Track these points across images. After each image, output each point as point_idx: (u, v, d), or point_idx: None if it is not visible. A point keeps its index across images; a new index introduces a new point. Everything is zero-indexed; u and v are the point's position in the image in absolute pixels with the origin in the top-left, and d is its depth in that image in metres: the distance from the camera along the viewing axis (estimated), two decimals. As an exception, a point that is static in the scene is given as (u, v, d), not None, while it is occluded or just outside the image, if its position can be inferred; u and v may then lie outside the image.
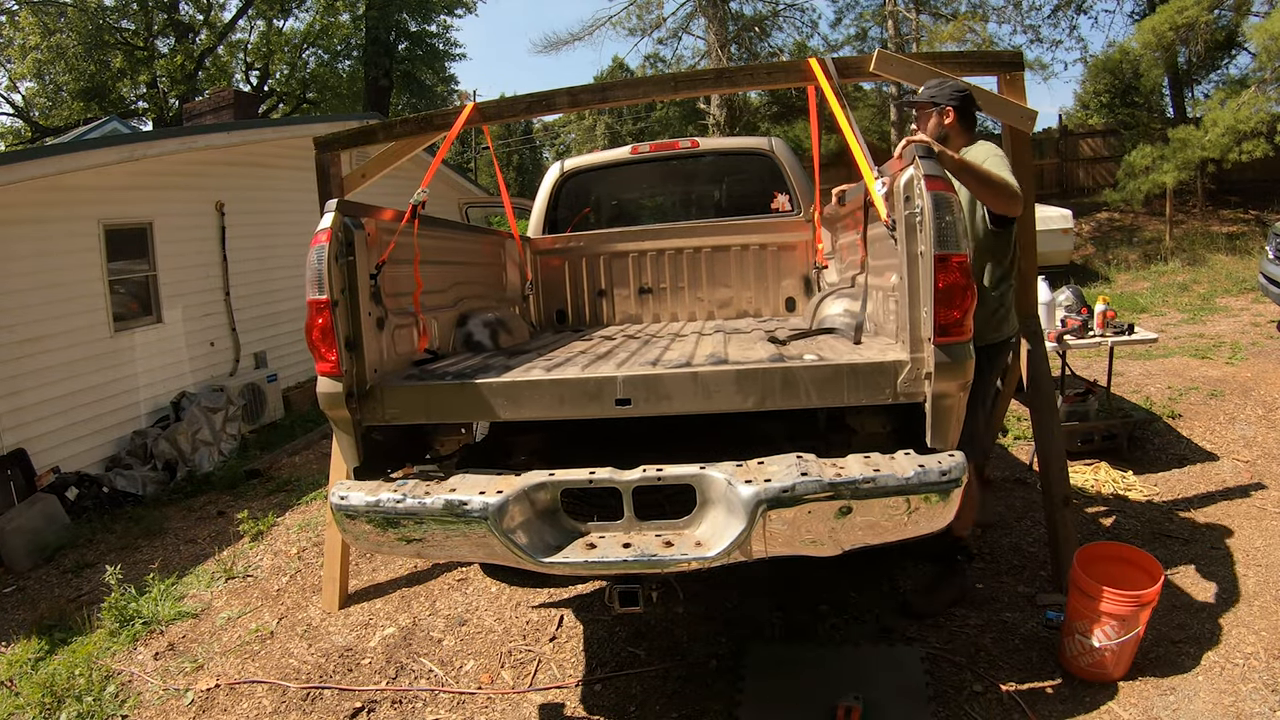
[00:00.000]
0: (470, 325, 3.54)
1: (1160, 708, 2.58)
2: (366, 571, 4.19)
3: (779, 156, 4.81)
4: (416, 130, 3.61)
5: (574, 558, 2.17)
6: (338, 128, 5.64)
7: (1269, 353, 6.82)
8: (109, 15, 21.17)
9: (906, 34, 19.21)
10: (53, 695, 3.22)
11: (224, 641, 3.66)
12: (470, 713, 2.93)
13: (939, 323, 2.12)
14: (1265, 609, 3.08)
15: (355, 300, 2.52)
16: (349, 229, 2.51)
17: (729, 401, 2.32)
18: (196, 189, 7.50)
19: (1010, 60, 3.28)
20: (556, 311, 4.89)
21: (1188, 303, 9.79)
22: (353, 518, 2.32)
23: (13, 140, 22.25)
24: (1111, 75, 17.98)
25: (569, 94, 3.45)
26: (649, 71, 21.55)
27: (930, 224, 2.10)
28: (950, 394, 2.18)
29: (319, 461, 6.47)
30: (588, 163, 5.17)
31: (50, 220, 5.92)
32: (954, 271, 2.10)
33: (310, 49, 23.99)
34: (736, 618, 3.33)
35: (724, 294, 4.69)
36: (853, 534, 2.10)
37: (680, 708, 2.80)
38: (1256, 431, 5.02)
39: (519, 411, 2.46)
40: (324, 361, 2.45)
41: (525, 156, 39.48)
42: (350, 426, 2.50)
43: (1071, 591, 2.77)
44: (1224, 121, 11.34)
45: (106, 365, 6.36)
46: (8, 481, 5.35)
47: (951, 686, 2.76)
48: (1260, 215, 14.33)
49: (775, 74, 3.54)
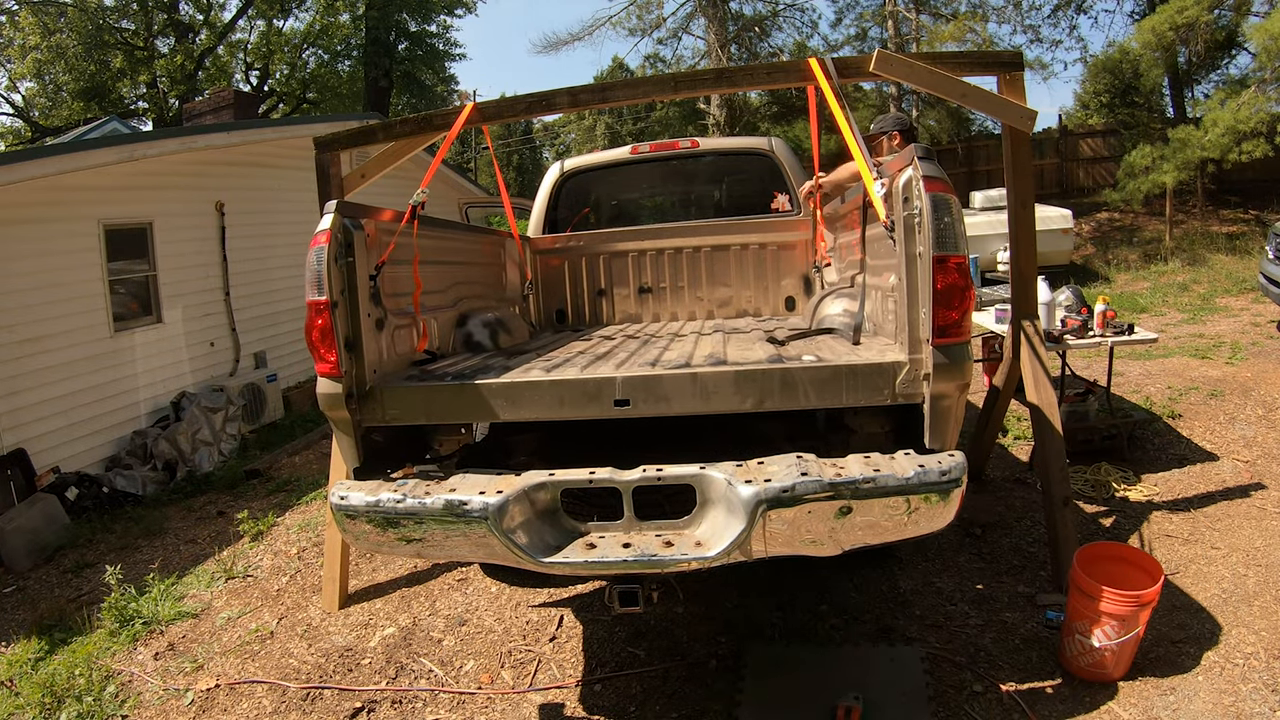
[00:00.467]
0: (470, 325, 3.54)
1: (1160, 708, 2.58)
2: (366, 571, 4.19)
3: (779, 156, 4.81)
4: (416, 130, 3.61)
5: (574, 558, 2.17)
6: (338, 128, 5.64)
7: (1269, 353, 6.81)
8: (109, 15, 21.18)
9: (906, 34, 19.22)
10: (53, 695, 3.22)
11: (224, 641, 3.66)
12: (470, 713, 2.93)
13: (937, 324, 2.13)
14: (1265, 609, 3.08)
15: (355, 301, 2.52)
16: (348, 230, 2.51)
17: (728, 402, 2.33)
18: (196, 189, 7.50)
19: (1010, 60, 3.29)
20: (556, 311, 4.89)
21: (1188, 303, 9.79)
22: (353, 518, 2.32)
23: (13, 140, 22.26)
24: (1111, 75, 17.98)
25: (569, 94, 3.45)
26: (649, 71, 21.55)
27: (929, 225, 2.11)
28: (949, 395, 2.18)
29: (319, 461, 6.47)
30: (588, 163, 5.17)
31: (50, 220, 5.92)
32: (952, 272, 2.10)
33: (310, 49, 24.00)
34: (736, 618, 3.33)
35: (724, 293, 4.69)
36: (853, 534, 2.10)
37: (680, 708, 2.80)
38: (1256, 431, 5.02)
39: (518, 412, 2.46)
40: (323, 362, 2.45)
41: (525, 156, 39.47)
42: (350, 427, 2.50)
43: (1071, 591, 2.77)
44: (1224, 121, 11.33)
45: (106, 365, 6.36)
46: (8, 481, 5.35)
47: (951, 686, 2.76)
48: (1260, 215, 14.34)
49: (775, 74, 3.53)
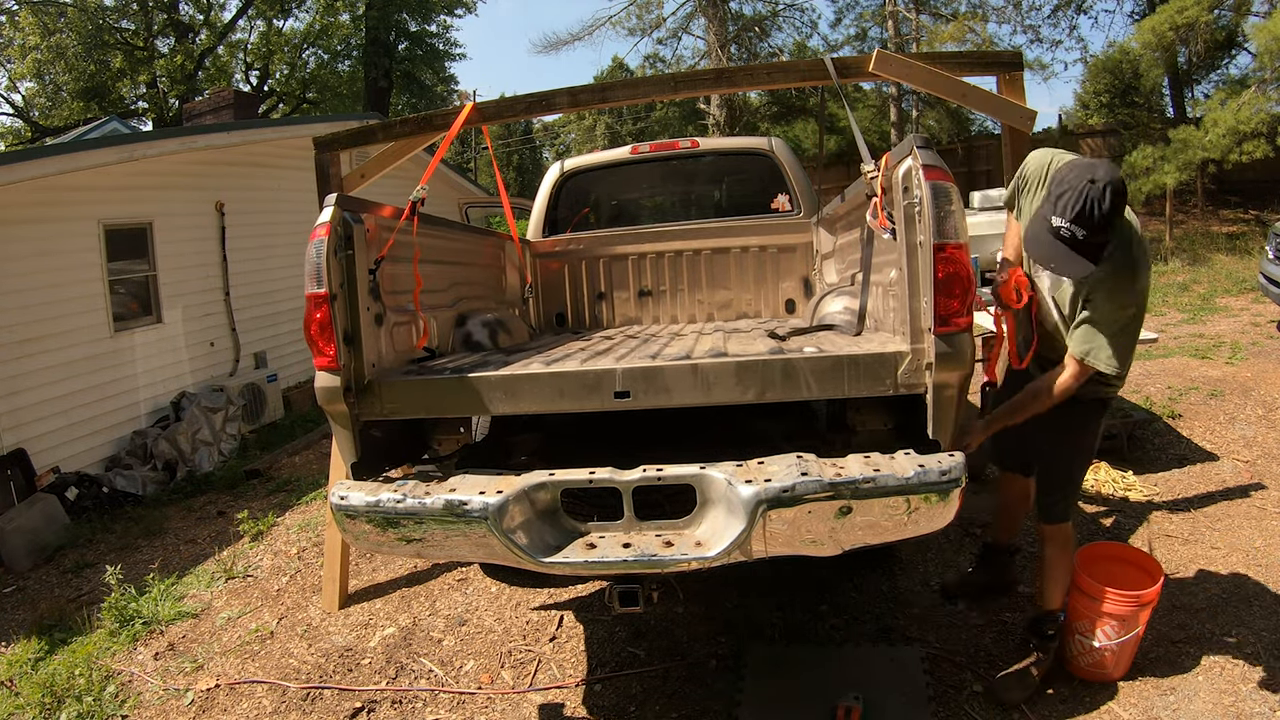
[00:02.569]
0: (469, 325, 3.54)
1: (1160, 708, 2.58)
2: (366, 571, 4.19)
3: (779, 156, 4.80)
4: (416, 130, 3.62)
5: (574, 558, 2.16)
6: (338, 128, 5.64)
7: (1269, 353, 6.81)
8: (109, 15, 21.19)
9: (906, 34, 19.24)
10: (53, 695, 3.22)
11: (224, 641, 3.66)
12: (470, 713, 2.93)
13: (939, 313, 2.11)
14: (1265, 609, 3.08)
15: (354, 295, 2.51)
16: (348, 224, 2.50)
17: (729, 393, 2.30)
18: (196, 189, 7.50)
19: (1009, 60, 3.28)
20: (556, 314, 4.89)
21: (1188, 303, 9.78)
22: (353, 518, 2.32)
23: (13, 140, 22.26)
24: (1111, 75, 18.00)
25: (569, 94, 3.45)
26: (649, 71, 21.57)
27: (929, 214, 2.09)
28: (951, 384, 2.17)
29: (319, 461, 6.47)
30: (588, 163, 5.17)
31: (50, 220, 5.92)
32: (954, 261, 2.09)
33: (310, 49, 24.00)
34: (736, 618, 3.33)
35: (724, 296, 4.68)
36: (853, 534, 2.10)
37: (680, 708, 2.80)
38: (1256, 431, 5.02)
39: (517, 405, 2.43)
40: (322, 356, 2.44)
41: (525, 156, 39.48)
42: (348, 421, 2.49)
43: (1072, 591, 2.77)
44: (1224, 122, 11.32)
45: (106, 365, 6.36)
46: (8, 481, 5.35)
47: (951, 686, 2.76)
48: (1260, 215, 14.34)
49: (775, 74, 3.54)
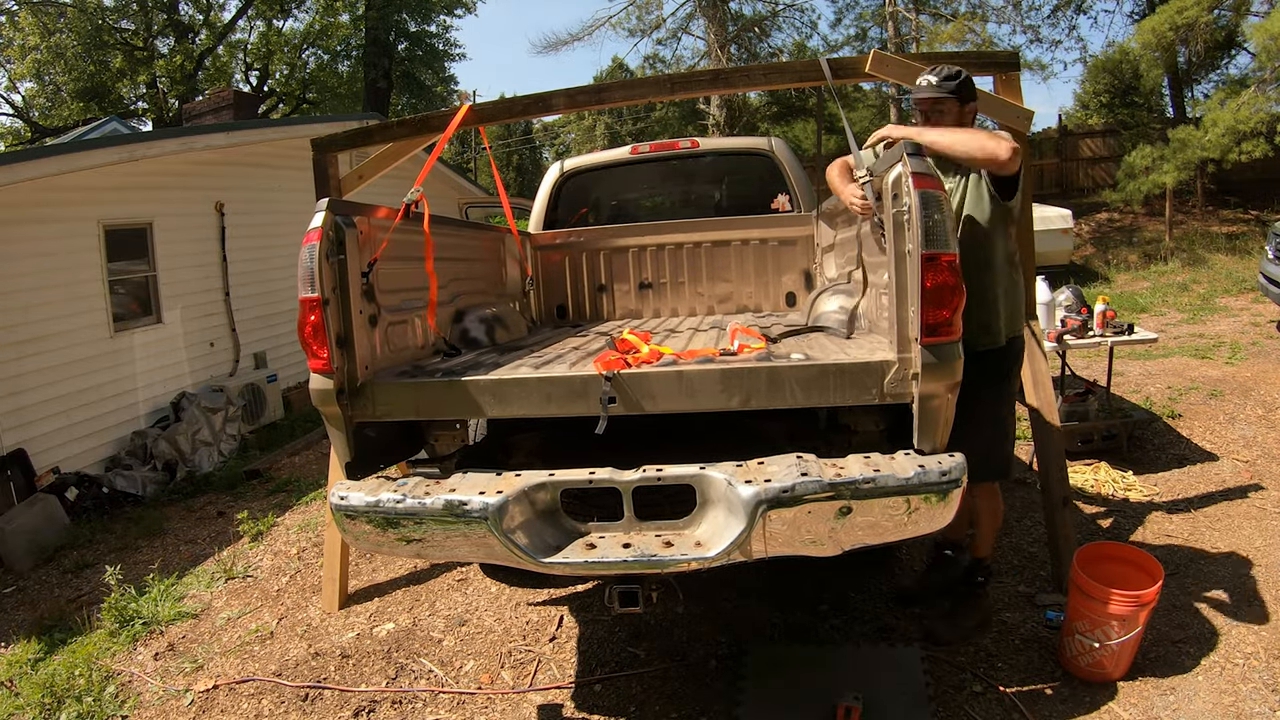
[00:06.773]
0: (467, 321, 3.54)
1: (1160, 708, 2.58)
2: (366, 571, 4.19)
3: (779, 157, 4.80)
4: (414, 131, 3.62)
5: (574, 558, 2.17)
6: (337, 128, 5.64)
7: (1269, 353, 6.82)
8: (109, 15, 21.17)
9: (906, 34, 19.22)
10: (53, 695, 3.22)
11: (224, 642, 3.66)
12: (470, 713, 2.93)
13: (926, 322, 2.10)
14: (1265, 609, 3.08)
15: (347, 298, 2.53)
16: (340, 227, 2.52)
17: (714, 401, 2.32)
18: (196, 189, 7.50)
19: (1006, 60, 3.28)
20: (557, 307, 4.89)
21: (1187, 303, 9.79)
22: (352, 518, 2.33)
23: (13, 140, 22.25)
24: (1111, 75, 18.02)
25: (566, 95, 3.45)
26: (649, 72, 21.56)
27: (918, 222, 2.09)
28: (937, 395, 2.17)
29: (319, 462, 6.47)
30: (588, 163, 5.17)
31: (50, 220, 5.91)
32: (942, 271, 2.08)
33: (310, 49, 23.99)
34: (736, 618, 3.33)
35: (724, 289, 4.68)
36: (853, 534, 2.10)
37: (680, 708, 2.80)
38: (1256, 431, 5.02)
39: (507, 409, 2.47)
40: (316, 358, 2.48)
41: (525, 157, 39.50)
42: (341, 422, 2.53)
43: (1071, 591, 2.77)
44: (1224, 122, 11.33)
45: (106, 365, 6.36)
46: (8, 481, 5.35)
47: (951, 686, 2.76)
48: (1260, 215, 14.34)
49: (771, 75, 3.53)
